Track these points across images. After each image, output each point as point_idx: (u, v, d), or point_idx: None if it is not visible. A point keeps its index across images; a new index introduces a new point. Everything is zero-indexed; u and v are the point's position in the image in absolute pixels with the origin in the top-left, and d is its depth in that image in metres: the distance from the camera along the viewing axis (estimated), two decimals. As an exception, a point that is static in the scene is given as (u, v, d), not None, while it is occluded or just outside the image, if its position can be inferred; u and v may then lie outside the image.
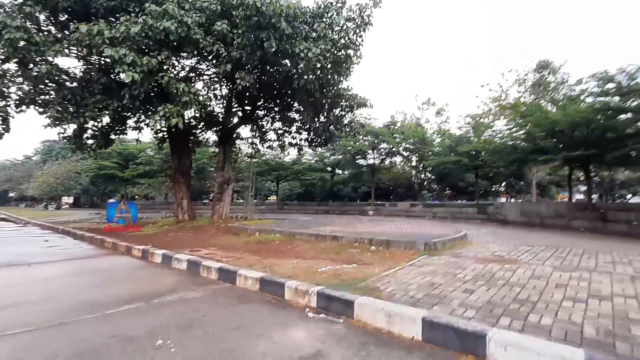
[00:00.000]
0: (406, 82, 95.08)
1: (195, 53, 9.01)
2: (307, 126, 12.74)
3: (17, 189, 47.34)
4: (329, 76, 10.48)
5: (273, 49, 8.69)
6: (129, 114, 11.25)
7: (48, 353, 2.64)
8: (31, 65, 7.90)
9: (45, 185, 36.58)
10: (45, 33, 8.73)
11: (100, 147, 12.83)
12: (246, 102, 12.63)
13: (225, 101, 13.37)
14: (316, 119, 12.38)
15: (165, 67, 8.18)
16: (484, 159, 15.57)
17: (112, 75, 10.54)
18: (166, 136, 13.57)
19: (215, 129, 14.17)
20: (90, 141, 12.20)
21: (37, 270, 5.87)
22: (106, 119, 11.16)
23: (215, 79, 12.29)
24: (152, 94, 10.63)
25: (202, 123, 14.01)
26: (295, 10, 9.06)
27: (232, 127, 13.46)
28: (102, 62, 10.37)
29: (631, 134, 10.30)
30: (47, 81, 9.08)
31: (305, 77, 9.81)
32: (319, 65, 9.09)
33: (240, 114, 13.25)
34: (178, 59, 9.51)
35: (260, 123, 14.08)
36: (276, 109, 12.84)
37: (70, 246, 9.02)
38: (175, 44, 8.95)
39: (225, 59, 9.15)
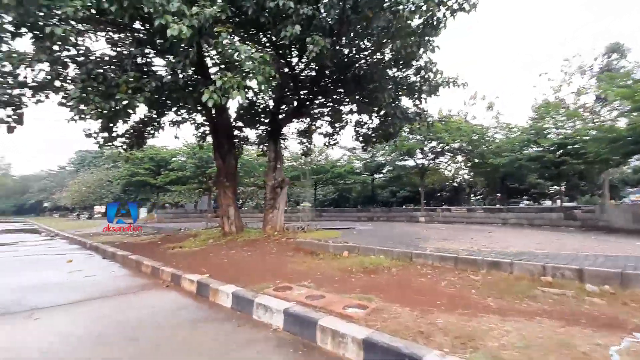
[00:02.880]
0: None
1: (255, 8, 6.69)
2: (383, 113, 10.17)
3: (50, 199, 47.57)
4: (417, 45, 7.94)
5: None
6: (168, 102, 9.12)
7: None
8: (47, 30, 5.84)
9: (77, 194, 35.89)
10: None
11: (132, 146, 10.85)
12: (305, 85, 10.25)
13: (277, 87, 11.06)
14: (393, 105, 9.81)
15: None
16: (594, 151, 12.36)
17: (147, 53, 8.52)
18: (208, 132, 11.41)
19: (264, 121, 11.89)
20: (120, 140, 10.22)
21: (37, 327, 3.57)
22: (140, 111, 9.08)
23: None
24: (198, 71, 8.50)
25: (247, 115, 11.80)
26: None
27: (284, 118, 11.12)
28: (136, 35, 8.35)
29: None
30: (65, 57, 7.04)
31: (398, 41, 7.32)
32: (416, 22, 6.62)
33: (295, 103, 10.85)
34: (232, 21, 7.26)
35: (317, 113, 11.68)
36: (339, 92, 10.35)
37: (97, 270, 6.83)
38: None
39: (292, 18, 6.80)
